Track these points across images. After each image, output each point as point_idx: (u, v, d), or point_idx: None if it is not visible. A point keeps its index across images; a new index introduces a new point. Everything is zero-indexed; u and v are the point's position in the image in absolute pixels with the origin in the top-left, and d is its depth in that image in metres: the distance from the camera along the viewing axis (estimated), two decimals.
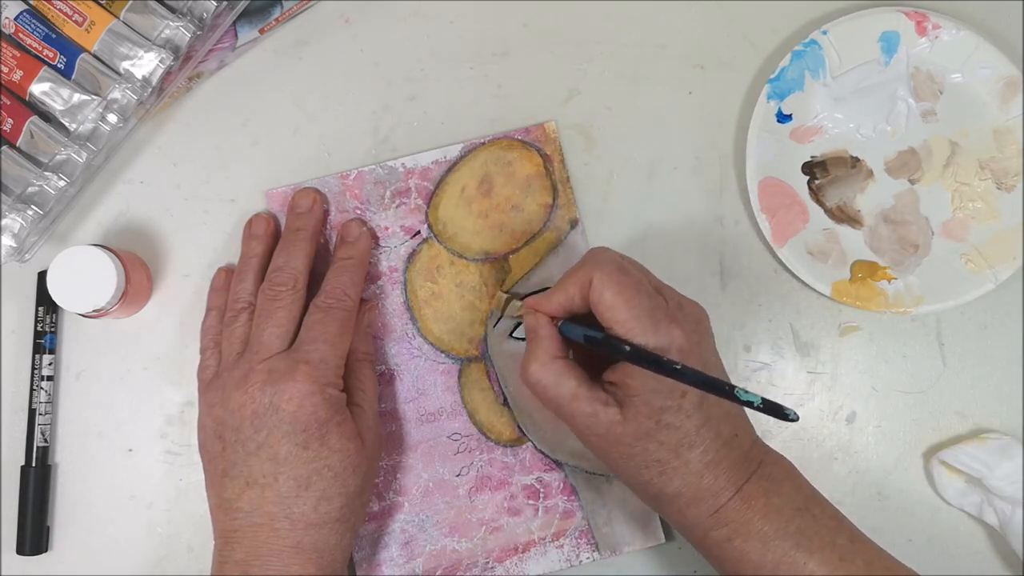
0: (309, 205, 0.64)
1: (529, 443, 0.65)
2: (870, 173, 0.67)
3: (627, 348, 0.52)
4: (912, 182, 0.67)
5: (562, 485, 0.65)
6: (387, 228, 0.66)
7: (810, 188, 0.67)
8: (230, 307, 0.61)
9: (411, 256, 0.66)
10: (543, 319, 0.57)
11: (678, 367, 0.51)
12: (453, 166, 0.66)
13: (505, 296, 0.64)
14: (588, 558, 0.65)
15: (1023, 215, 0.65)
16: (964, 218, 0.66)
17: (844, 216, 0.66)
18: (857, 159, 0.67)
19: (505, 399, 0.66)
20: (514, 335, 0.65)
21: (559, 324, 0.56)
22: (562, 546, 0.65)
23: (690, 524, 0.55)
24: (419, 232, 0.66)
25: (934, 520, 0.66)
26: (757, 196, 0.65)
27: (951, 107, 0.66)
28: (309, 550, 0.56)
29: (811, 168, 0.67)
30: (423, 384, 0.65)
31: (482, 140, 0.66)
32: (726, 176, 0.67)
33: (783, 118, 0.66)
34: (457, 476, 0.65)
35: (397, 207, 0.66)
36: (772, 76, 0.65)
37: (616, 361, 0.55)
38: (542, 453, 0.65)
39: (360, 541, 0.64)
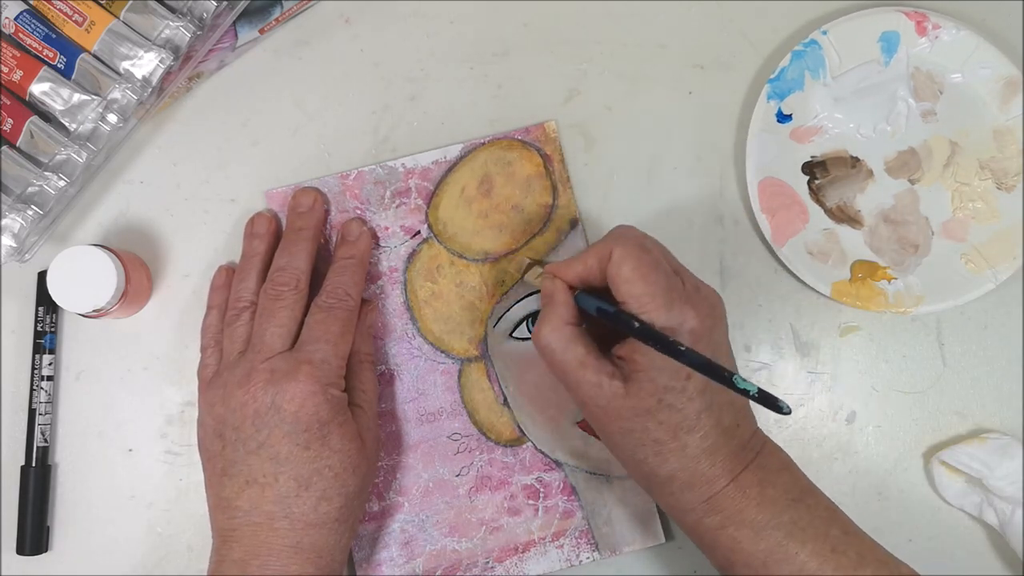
0: (310, 204, 0.64)
1: (529, 443, 0.65)
2: (870, 173, 0.67)
3: (636, 324, 0.53)
4: (912, 182, 0.67)
5: (562, 485, 0.65)
6: (387, 228, 0.66)
7: (810, 188, 0.67)
8: (232, 306, 0.61)
9: (411, 256, 0.66)
10: (560, 285, 0.57)
11: (682, 348, 0.51)
12: (453, 166, 0.66)
13: (528, 261, 0.64)
14: (588, 558, 0.65)
15: (1023, 215, 0.65)
16: (964, 218, 0.66)
17: (844, 216, 0.66)
18: (857, 159, 0.67)
19: (505, 399, 0.66)
20: (514, 335, 0.65)
21: (575, 294, 0.57)
22: (562, 546, 0.65)
23: (683, 508, 0.55)
24: (419, 232, 0.66)
25: (934, 520, 0.66)
26: (757, 196, 0.65)
27: (951, 107, 0.66)
28: (308, 550, 0.56)
29: (811, 168, 0.67)
30: (423, 384, 0.65)
31: (482, 140, 0.66)
32: (726, 176, 0.67)
33: (783, 118, 0.66)
34: (457, 476, 0.65)
35: (397, 207, 0.66)
36: (772, 76, 0.65)
37: (626, 338, 0.55)
38: (542, 453, 0.65)
39: (360, 541, 0.64)
